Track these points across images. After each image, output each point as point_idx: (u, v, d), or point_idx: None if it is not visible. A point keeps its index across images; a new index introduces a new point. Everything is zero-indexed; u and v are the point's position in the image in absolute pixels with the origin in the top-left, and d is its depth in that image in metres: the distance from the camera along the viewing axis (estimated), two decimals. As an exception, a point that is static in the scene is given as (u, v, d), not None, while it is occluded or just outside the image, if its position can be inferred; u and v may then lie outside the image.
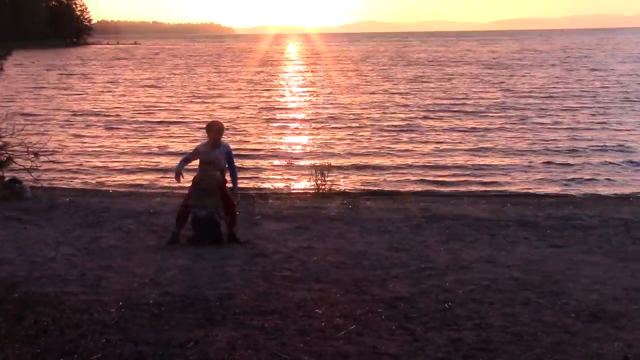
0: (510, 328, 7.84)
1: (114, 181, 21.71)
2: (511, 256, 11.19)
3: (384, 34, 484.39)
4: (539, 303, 8.70)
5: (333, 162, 21.88)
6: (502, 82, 54.20)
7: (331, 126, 32.69)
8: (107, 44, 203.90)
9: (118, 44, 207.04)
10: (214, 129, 12.44)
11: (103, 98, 47.19)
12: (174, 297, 8.95)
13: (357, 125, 32.67)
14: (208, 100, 45.26)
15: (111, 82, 61.95)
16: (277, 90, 53.80)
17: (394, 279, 9.86)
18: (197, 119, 35.82)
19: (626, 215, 14.68)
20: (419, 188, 20.22)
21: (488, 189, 19.95)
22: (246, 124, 34.31)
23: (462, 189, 20.05)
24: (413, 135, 29.78)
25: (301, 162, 24.46)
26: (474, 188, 19.96)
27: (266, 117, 36.72)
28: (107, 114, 38.79)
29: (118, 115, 38.14)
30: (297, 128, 33.24)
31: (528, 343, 7.41)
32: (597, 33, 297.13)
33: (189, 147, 26.10)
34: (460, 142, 27.79)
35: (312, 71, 76.07)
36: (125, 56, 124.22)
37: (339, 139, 28.98)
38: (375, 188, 20.28)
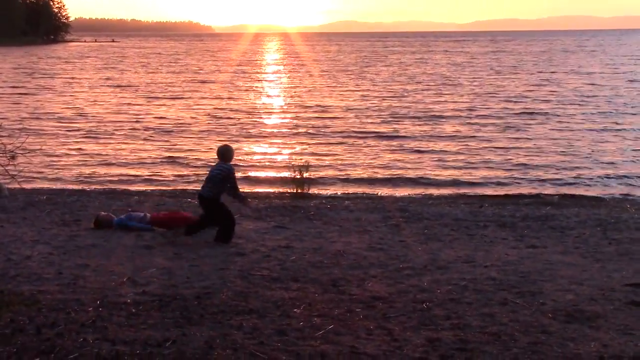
0: (488, 328, 7.86)
1: (91, 180, 21.59)
2: (489, 256, 11.24)
3: (363, 33, 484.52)
4: (517, 303, 8.73)
5: (312, 161, 21.86)
6: (482, 85, 54.40)
7: (310, 127, 32.62)
8: (85, 41, 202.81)
9: (96, 41, 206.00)
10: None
11: (78, 99, 46.66)
12: (151, 296, 8.92)
13: (335, 125, 32.66)
14: (187, 101, 45.07)
15: (88, 83, 61.61)
16: (255, 90, 53.67)
17: (372, 278, 9.88)
18: (174, 121, 35.75)
19: (602, 216, 14.79)
20: (397, 190, 20.24)
21: (467, 191, 19.99)
22: (224, 123, 34.25)
23: (440, 191, 20.09)
24: (391, 136, 29.84)
25: (280, 162, 24.47)
26: (452, 192, 19.97)
27: (244, 117, 36.63)
28: (81, 115, 38.53)
29: (93, 116, 37.85)
30: (275, 128, 33.17)
31: (505, 343, 7.43)
32: (574, 34, 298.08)
33: (160, 147, 26.09)
34: (437, 146, 27.87)
35: (289, 72, 75.70)
36: (102, 54, 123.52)
37: (318, 140, 28.96)
38: (354, 187, 20.32)
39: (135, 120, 35.26)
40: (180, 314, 8.24)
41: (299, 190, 17.50)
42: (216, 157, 12.64)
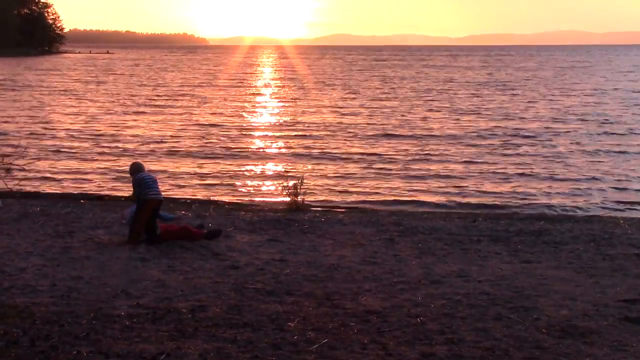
0: (482, 343, 7.87)
1: (84, 192, 21.57)
2: (483, 271, 11.26)
3: (357, 47, 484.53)
4: (511, 318, 8.75)
5: (306, 175, 21.86)
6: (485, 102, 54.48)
7: (304, 141, 32.63)
8: (80, 52, 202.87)
9: (90, 52, 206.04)
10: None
11: (68, 112, 46.40)
12: (145, 308, 8.91)
13: (329, 140, 32.65)
14: (181, 116, 45.08)
15: (80, 95, 61.56)
16: (248, 105, 53.64)
17: (367, 292, 9.88)
18: (166, 135, 35.74)
19: (596, 232, 14.81)
20: (392, 203, 20.25)
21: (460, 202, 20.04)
22: (219, 135, 34.27)
23: (433, 202, 20.13)
24: (386, 149, 29.91)
25: (274, 175, 24.46)
26: (445, 206, 20.00)
27: (239, 131, 36.65)
28: (75, 126, 38.54)
29: (85, 129, 37.85)
30: (270, 141, 33.19)
31: (500, 358, 7.45)
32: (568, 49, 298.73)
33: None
34: (430, 161, 27.95)
35: (282, 87, 75.26)
36: (97, 66, 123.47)
37: (312, 153, 28.96)
38: (348, 201, 20.33)
39: (130, 134, 35.13)
40: (174, 327, 8.24)
41: (293, 204, 17.50)
42: (131, 172, 13.72)
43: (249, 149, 30.46)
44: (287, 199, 17.76)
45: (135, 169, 13.70)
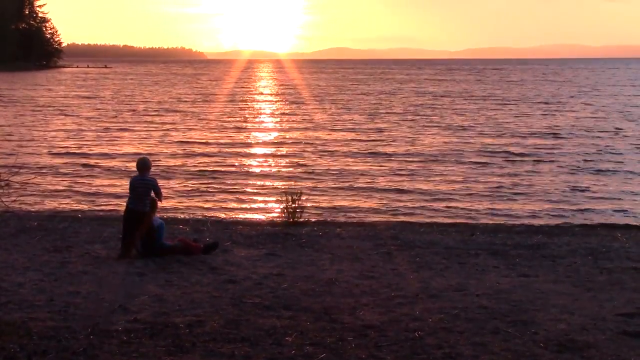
0: (480, 357, 7.86)
1: (82, 206, 21.56)
2: (481, 285, 11.24)
3: (356, 60, 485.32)
4: (509, 332, 8.74)
5: (303, 189, 21.84)
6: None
7: (302, 155, 32.67)
8: (77, 67, 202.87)
9: (88, 67, 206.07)
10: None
11: (65, 128, 46.46)
12: (143, 323, 8.90)
13: (327, 155, 32.66)
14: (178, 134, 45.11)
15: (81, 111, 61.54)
16: (246, 118, 53.73)
17: (364, 307, 9.87)
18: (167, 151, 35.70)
19: (593, 245, 14.82)
20: (389, 217, 20.25)
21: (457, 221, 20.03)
22: (216, 149, 34.28)
23: (430, 219, 20.14)
24: (384, 164, 29.94)
25: (272, 189, 24.45)
26: (442, 220, 20.01)
27: (237, 145, 36.68)
28: (71, 144, 38.55)
29: (85, 145, 37.90)
30: (268, 155, 33.24)
31: (498, 372, 7.43)
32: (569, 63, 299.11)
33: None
34: (427, 177, 27.98)
35: (281, 101, 75.39)
36: (93, 80, 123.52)
37: (310, 167, 28.98)
38: (346, 215, 20.33)
39: (124, 152, 35.10)
40: (172, 342, 8.23)
41: (291, 218, 17.49)
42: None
43: (247, 164, 30.48)
44: (285, 213, 17.74)
45: (137, 167, 13.42)
